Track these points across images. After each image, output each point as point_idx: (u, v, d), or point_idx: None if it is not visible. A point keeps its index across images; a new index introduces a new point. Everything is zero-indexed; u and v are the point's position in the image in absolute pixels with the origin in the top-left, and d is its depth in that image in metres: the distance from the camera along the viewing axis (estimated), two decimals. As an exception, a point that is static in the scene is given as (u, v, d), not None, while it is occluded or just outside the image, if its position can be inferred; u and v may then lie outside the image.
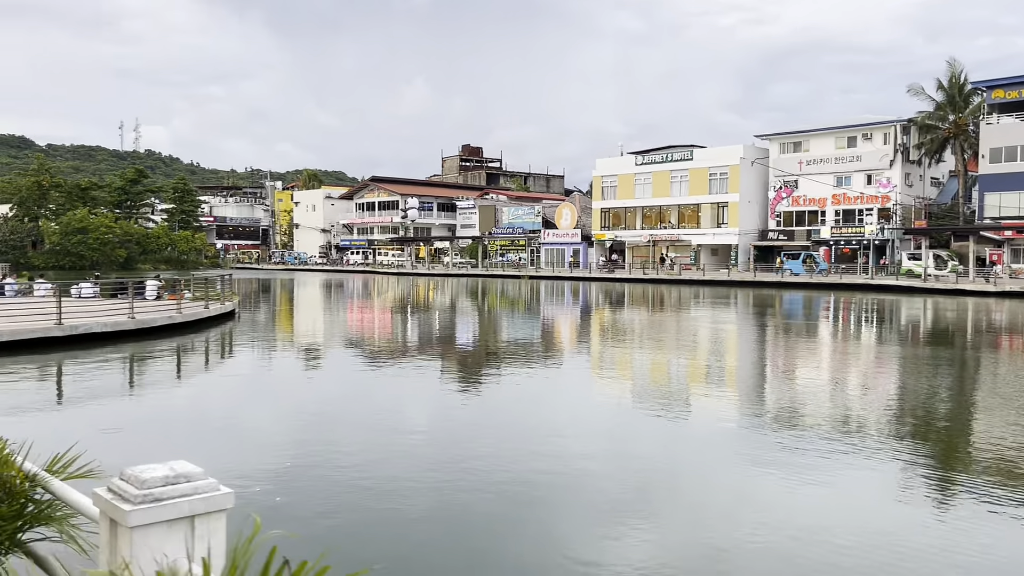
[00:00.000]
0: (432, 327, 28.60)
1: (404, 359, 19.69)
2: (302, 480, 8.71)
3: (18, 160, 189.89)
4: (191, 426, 11.78)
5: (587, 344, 24.54)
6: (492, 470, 9.18)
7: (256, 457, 9.72)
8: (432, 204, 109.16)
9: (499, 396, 15.03)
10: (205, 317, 23.69)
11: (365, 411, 13.14)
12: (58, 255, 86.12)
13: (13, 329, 17.35)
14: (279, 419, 12.43)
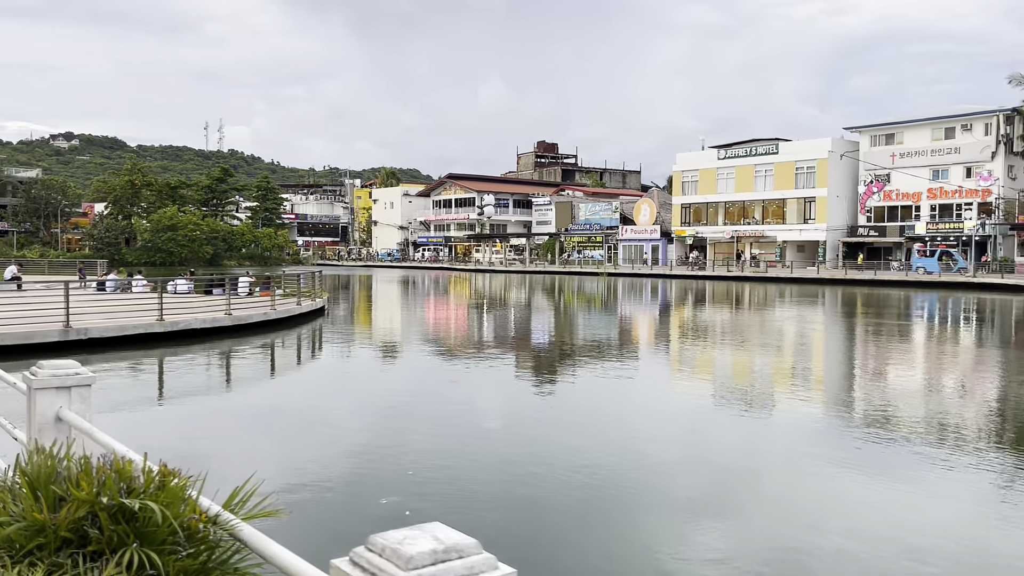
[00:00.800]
0: (516, 325, 28.20)
1: (490, 356, 19.40)
2: (426, 487, 8.33)
3: (111, 160, 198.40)
4: (304, 430, 11.57)
5: (670, 342, 23.89)
6: (568, 467, 9.06)
7: (375, 464, 9.40)
8: (508, 201, 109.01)
9: (586, 393, 14.82)
10: (298, 314, 23.80)
11: (464, 411, 12.84)
12: (149, 251, 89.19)
13: (119, 325, 17.65)
14: (384, 420, 12.14)
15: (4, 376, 4.38)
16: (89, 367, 11.82)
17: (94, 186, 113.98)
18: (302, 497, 7.90)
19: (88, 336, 17.05)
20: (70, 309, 16.87)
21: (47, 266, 50.90)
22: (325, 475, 8.77)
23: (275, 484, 8.26)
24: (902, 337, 24.07)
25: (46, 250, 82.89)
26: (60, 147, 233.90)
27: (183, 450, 10.09)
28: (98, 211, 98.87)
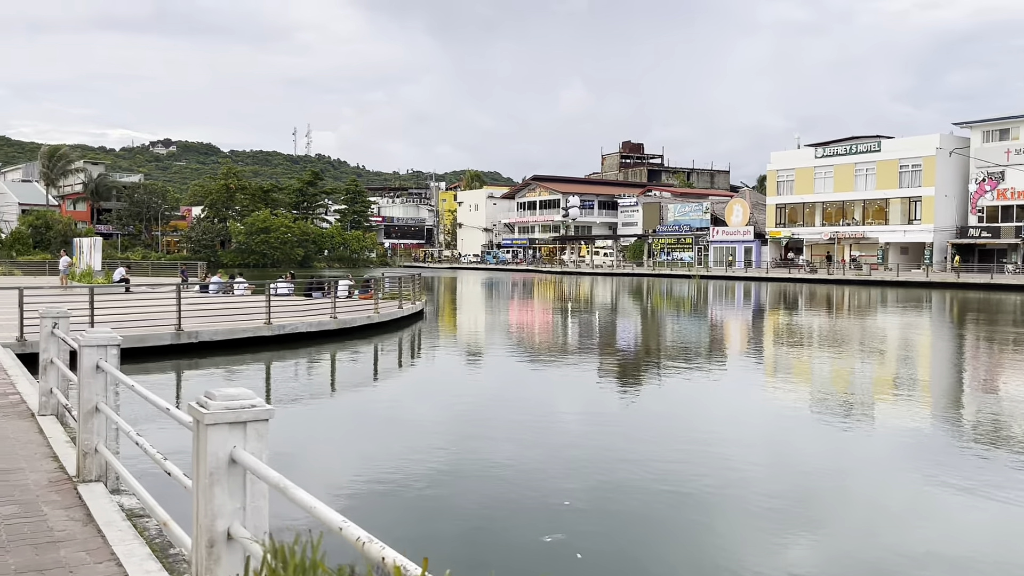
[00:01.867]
0: (614, 330, 27.22)
1: (591, 362, 18.62)
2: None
3: (205, 166, 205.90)
4: (432, 444, 10.93)
5: (766, 348, 22.79)
6: (656, 475, 9.00)
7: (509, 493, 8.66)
8: (593, 202, 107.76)
9: (677, 398, 14.45)
10: (399, 317, 23.42)
11: (563, 418, 12.14)
12: (243, 253, 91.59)
13: (229, 328, 17.52)
14: (480, 425, 11.41)
15: (175, 413, 3.74)
16: (202, 371, 11.43)
17: (191, 190, 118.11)
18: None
19: (199, 340, 16.93)
20: (168, 311, 16.80)
21: (150, 268, 52.54)
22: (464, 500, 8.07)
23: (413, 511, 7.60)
24: (1017, 346, 22.09)
25: (147, 252, 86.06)
26: (159, 153, 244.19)
27: (304, 459, 9.61)
28: (195, 214, 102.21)
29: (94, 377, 5.59)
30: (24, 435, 7.09)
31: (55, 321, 7.90)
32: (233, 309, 19.88)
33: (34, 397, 8.87)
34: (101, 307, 15.81)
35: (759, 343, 24.60)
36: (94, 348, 5.61)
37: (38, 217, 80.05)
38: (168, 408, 3.92)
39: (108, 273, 33.57)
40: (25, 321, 14.50)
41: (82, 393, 5.61)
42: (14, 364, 11.67)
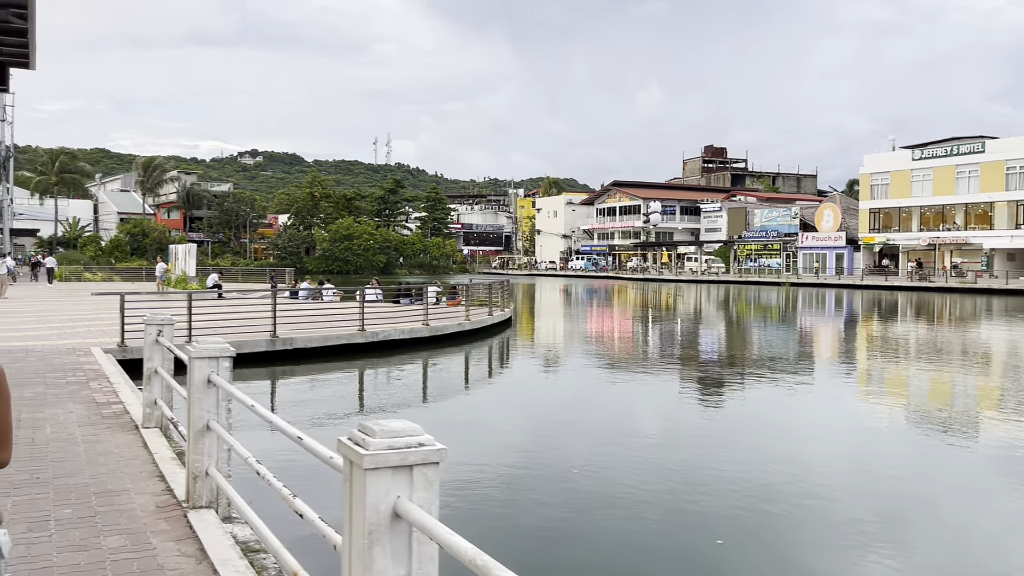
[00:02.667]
0: (702, 339, 26.04)
1: (675, 370, 17.65)
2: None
3: (290, 175, 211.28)
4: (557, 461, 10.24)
5: (865, 360, 21.48)
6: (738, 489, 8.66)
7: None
8: (674, 208, 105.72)
9: (766, 410, 13.83)
10: (490, 324, 22.87)
11: (651, 429, 11.24)
12: (328, 260, 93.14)
13: (323, 335, 17.23)
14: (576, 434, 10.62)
15: (312, 447, 3.10)
16: (298, 378, 10.96)
17: (278, 198, 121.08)
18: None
19: (293, 347, 16.68)
20: (263, 317, 16.61)
21: (240, 274, 53.69)
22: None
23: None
24: None
25: (236, 259, 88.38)
26: (246, 164, 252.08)
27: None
28: (282, 222, 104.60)
29: (205, 392, 5.08)
30: (128, 450, 6.68)
31: (159, 329, 7.52)
32: (326, 316, 19.60)
33: (137, 407, 8.55)
34: (197, 313, 15.70)
35: (855, 354, 23.24)
36: (205, 360, 5.09)
37: (135, 225, 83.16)
38: (301, 438, 3.30)
39: (202, 279, 34.18)
40: (126, 326, 14.46)
41: (192, 410, 5.10)
42: (116, 371, 11.50)
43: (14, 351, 13.49)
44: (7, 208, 57.58)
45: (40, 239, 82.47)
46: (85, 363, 12.18)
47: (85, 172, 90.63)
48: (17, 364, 11.88)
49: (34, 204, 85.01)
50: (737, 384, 16.87)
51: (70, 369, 11.44)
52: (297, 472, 7.51)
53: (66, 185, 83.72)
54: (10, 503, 5.12)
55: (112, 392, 9.56)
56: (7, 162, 58.03)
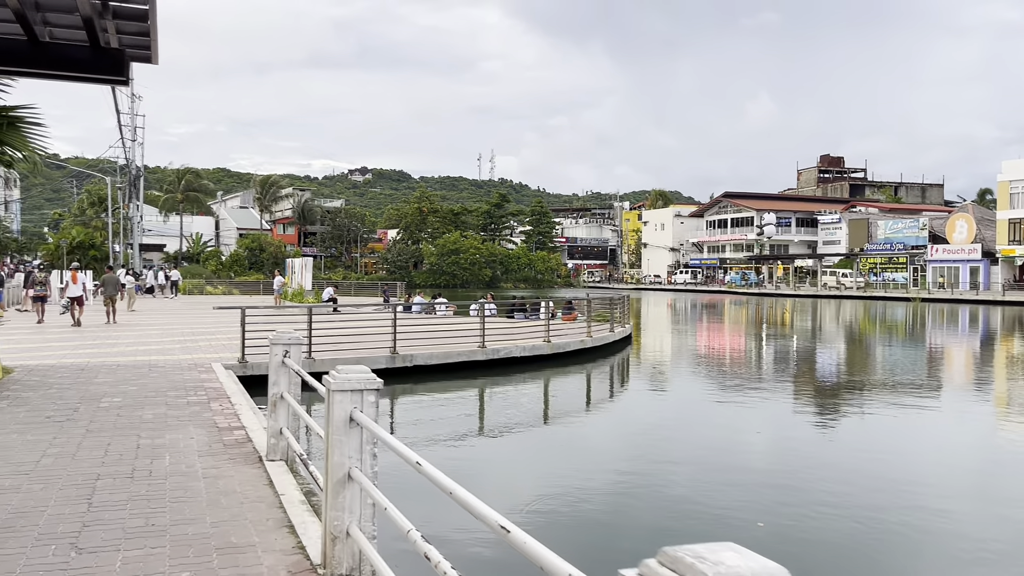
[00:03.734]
0: (836, 359, 23.89)
1: (804, 393, 15.71)
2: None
3: (398, 191, 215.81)
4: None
5: (1002, 383, 18.66)
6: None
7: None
8: (790, 219, 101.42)
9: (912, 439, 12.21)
10: (611, 341, 21.63)
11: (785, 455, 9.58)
12: (435, 274, 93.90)
13: (444, 352, 16.44)
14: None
15: (547, 561, 2.06)
16: (419, 396, 9.99)
17: (386, 214, 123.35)
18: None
19: (413, 363, 15.96)
20: (381, 333, 15.96)
21: (352, 288, 54.34)
22: None
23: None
24: None
25: (347, 273, 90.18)
26: (356, 181, 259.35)
27: (518, 492, 8.04)
28: (391, 237, 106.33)
29: (346, 433, 4.14)
30: (252, 489, 5.86)
31: (286, 349, 6.72)
32: (443, 331, 18.87)
33: (259, 434, 7.81)
34: (315, 328, 15.20)
35: (997, 376, 20.62)
36: (347, 394, 4.15)
37: (253, 240, 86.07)
38: (507, 530, 2.24)
39: (317, 292, 34.46)
40: (247, 342, 14.05)
41: (331, 454, 4.17)
42: (237, 390, 10.94)
43: (139, 366, 13.24)
44: (137, 224, 60.44)
45: (166, 254, 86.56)
46: (206, 380, 11.72)
47: (208, 190, 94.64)
48: (141, 380, 11.52)
49: (161, 221, 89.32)
50: (868, 406, 15.07)
51: (191, 387, 10.96)
52: (467, 541, 6.67)
53: (190, 203, 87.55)
54: (119, 560, 4.32)
55: (234, 415, 8.90)
56: (137, 181, 60.96)
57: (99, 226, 67.60)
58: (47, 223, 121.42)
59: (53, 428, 7.96)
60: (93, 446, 7.17)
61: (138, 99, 54.62)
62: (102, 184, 69.80)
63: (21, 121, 10.14)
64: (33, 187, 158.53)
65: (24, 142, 10.13)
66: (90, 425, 8.14)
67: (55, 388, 10.62)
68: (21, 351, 15.48)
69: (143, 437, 7.62)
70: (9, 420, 8.37)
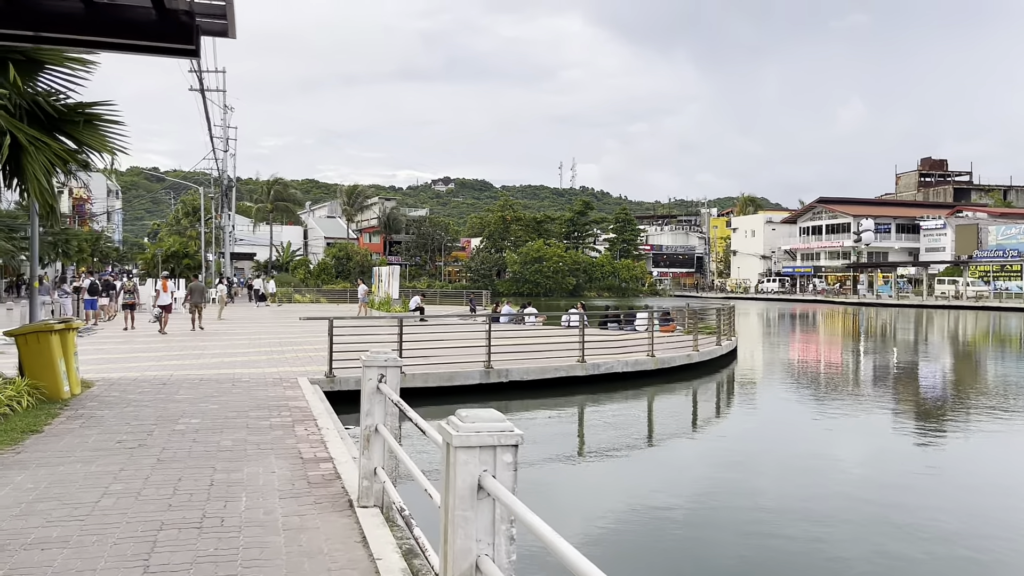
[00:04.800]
0: (955, 376, 21.53)
1: (926, 414, 13.71)
2: None
3: (479, 200, 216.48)
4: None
5: None
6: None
7: None
8: (889, 225, 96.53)
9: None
10: (718, 355, 20.02)
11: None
12: (518, 283, 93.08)
13: (540, 367, 15.23)
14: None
15: None
16: (515, 414, 8.61)
17: (469, 222, 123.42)
18: None
19: (508, 379, 14.81)
20: (474, 346, 14.87)
21: (437, 296, 53.85)
22: None
23: None
24: None
25: (432, 281, 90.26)
26: (439, 190, 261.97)
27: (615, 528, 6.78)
28: (474, 245, 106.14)
29: (474, 506, 2.94)
30: (342, 549, 4.74)
31: (382, 372, 5.60)
32: (537, 343, 17.62)
33: (349, 467, 6.75)
34: (404, 340, 14.22)
35: None
36: (474, 452, 2.95)
37: (340, 249, 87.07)
38: None
39: (405, 301, 33.86)
40: (335, 355, 13.17)
41: (453, 536, 2.97)
42: (324, 410, 9.98)
43: (221, 381, 12.49)
44: (228, 234, 61.63)
45: (256, 262, 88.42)
46: (291, 398, 10.82)
47: (296, 199, 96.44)
48: (222, 398, 10.70)
49: (251, 230, 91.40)
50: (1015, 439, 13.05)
51: (275, 406, 10.06)
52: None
53: (280, 212, 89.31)
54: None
55: (320, 442, 7.88)
56: (229, 192, 62.18)
57: (193, 235, 69.33)
58: (146, 233, 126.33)
59: (122, 456, 7.08)
60: (162, 481, 6.23)
61: (230, 110, 55.67)
62: (196, 195, 71.67)
63: (98, 119, 9.45)
64: (135, 199, 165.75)
65: (102, 141, 9.43)
66: (162, 453, 7.24)
67: (132, 406, 9.88)
68: (107, 362, 15.05)
69: (218, 470, 6.65)
70: (78, 445, 7.56)
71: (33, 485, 6.07)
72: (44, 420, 8.70)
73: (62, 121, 9.11)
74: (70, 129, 9.21)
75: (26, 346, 9.91)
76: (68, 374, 10.29)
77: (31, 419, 8.63)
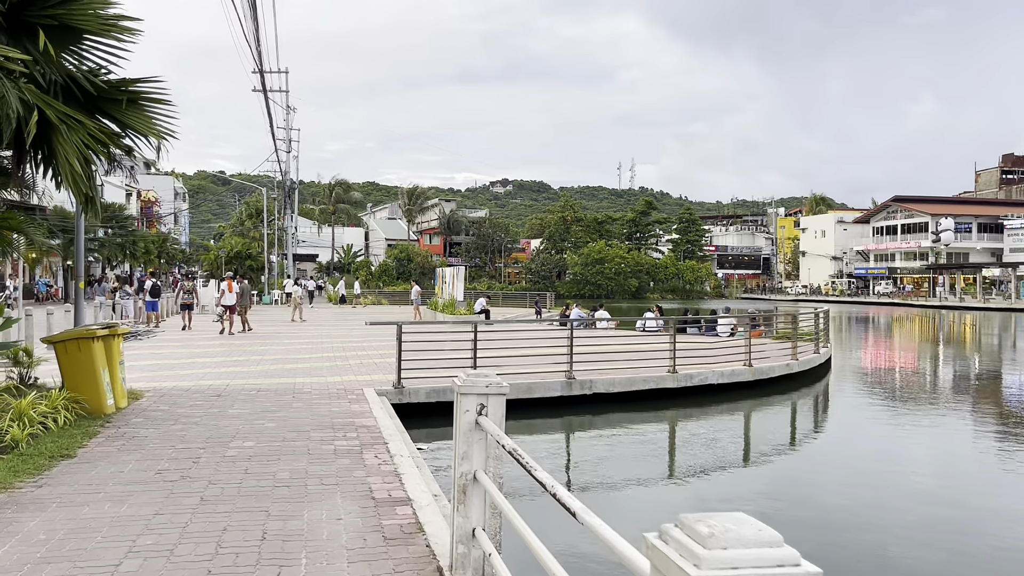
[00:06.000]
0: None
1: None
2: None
3: (537, 202, 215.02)
4: None
5: None
6: None
7: None
8: (970, 225, 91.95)
9: None
10: (817, 364, 18.21)
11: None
12: (579, 284, 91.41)
13: (627, 378, 13.71)
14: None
15: None
16: (598, 432, 7.06)
17: (529, 223, 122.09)
18: None
19: (592, 391, 13.36)
20: (552, 354, 13.47)
21: (500, 298, 52.69)
22: None
23: None
24: None
25: (491, 283, 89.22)
26: (497, 192, 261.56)
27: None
28: (534, 247, 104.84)
29: None
30: (439, 659, 3.36)
31: (481, 403, 4.25)
32: (618, 351, 16.02)
33: (432, 512, 5.41)
34: (476, 346, 12.89)
35: None
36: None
37: (401, 251, 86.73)
38: None
39: (470, 303, 32.68)
40: (403, 363, 11.92)
41: None
42: (395, 430, 8.69)
43: (281, 392, 11.34)
44: (291, 235, 61.51)
45: (319, 264, 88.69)
46: (357, 414, 9.57)
47: (356, 201, 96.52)
48: (281, 413, 9.51)
49: (314, 232, 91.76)
50: None
51: (340, 425, 8.81)
52: None
53: (342, 214, 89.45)
54: None
55: (394, 474, 6.57)
56: (292, 193, 62.07)
57: (256, 237, 69.60)
58: (211, 236, 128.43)
59: (160, 493, 5.87)
60: (203, 533, 4.97)
61: (292, 111, 55.43)
62: (259, 197, 72.00)
63: (143, 98, 8.33)
64: (201, 203, 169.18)
65: (148, 123, 8.31)
66: (208, 489, 6.01)
67: (181, 422, 8.74)
68: (161, 368, 14.11)
69: (273, 514, 5.37)
70: (111, 476, 6.39)
71: (46, 536, 4.87)
72: (79, 441, 7.60)
73: (101, 99, 8.01)
74: (111, 109, 8.11)
75: (65, 355, 8.86)
76: (112, 385, 9.23)
77: (65, 440, 7.54)
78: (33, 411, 7.78)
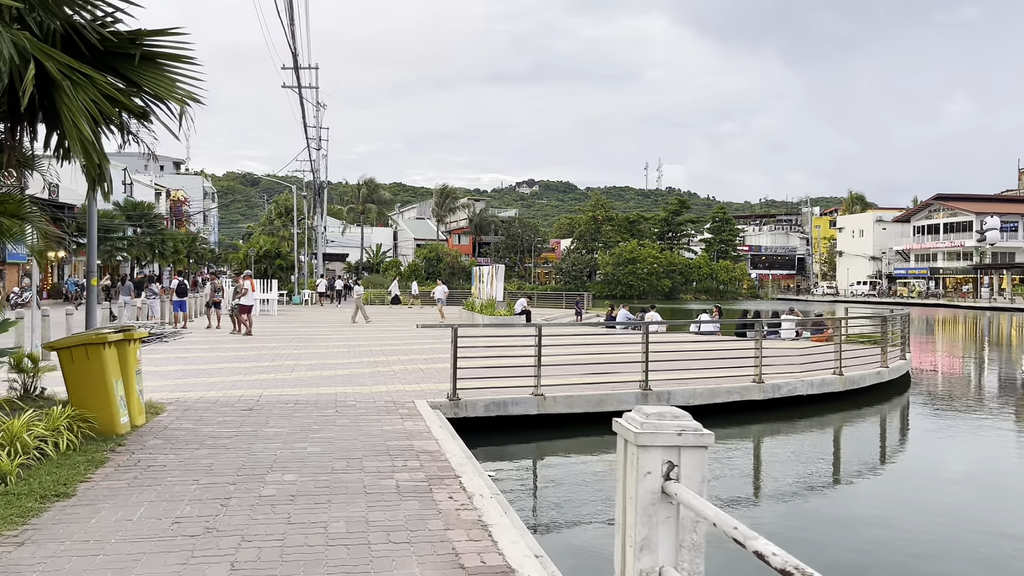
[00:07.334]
0: None
1: None
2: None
3: (563, 203, 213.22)
4: None
5: None
6: None
7: None
8: (1016, 224, 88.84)
9: None
10: (905, 372, 16.45)
11: None
12: (610, 284, 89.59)
13: (709, 389, 12.08)
14: None
15: None
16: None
17: (557, 224, 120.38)
18: None
19: (670, 402, 11.75)
20: (624, 362, 11.92)
21: (535, 299, 51.18)
22: None
23: None
24: None
25: (521, 283, 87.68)
26: (524, 193, 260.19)
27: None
28: (564, 247, 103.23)
29: None
30: None
31: (670, 460, 2.72)
32: (696, 357, 14.20)
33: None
34: (540, 353, 11.35)
35: None
36: None
37: (431, 250, 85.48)
38: None
39: (510, 304, 31.19)
40: (458, 372, 10.42)
41: None
42: (464, 459, 7.14)
43: (321, 404, 9.88)
44: (320, 235, 60.43)
45: (348, 264, 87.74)
46: (414, 433, 8.07)
47: (385, 200, 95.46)
48: (325, 432, 8.04)
49: (342, 232, 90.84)
50: None
51: (397, 450, 7.30)
52: None
53: (371, 213, 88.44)
54: None
55: (479, 525, 5.03)
56: (321, 192, 60.99)
57: (286, 236, 68.64)
58: (241, 236, 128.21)
59: (177, 557, 4.39)
60: (234, 631, 3.47)
61: (323, 107, 54.32)
62: (289, 196, 71.10)
63: (162, 55, 6.89)
64: (231, 203, 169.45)
65: (169, 85, 6.86)
66: (239, 550, 4.51)
67: (207, 446, 7.29)
68: (187, 375, 12.73)
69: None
70: (115, 527, 4.92)
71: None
72: (82, 472, 6.16)
73: (110, 55, 6.58)
74: (122, 67, 6.67)
75: (71, 363, 7.44)
76: (128, 400, 7.80)
77: (65, 471, 6.10)
78: (28, 434, 6.36)
